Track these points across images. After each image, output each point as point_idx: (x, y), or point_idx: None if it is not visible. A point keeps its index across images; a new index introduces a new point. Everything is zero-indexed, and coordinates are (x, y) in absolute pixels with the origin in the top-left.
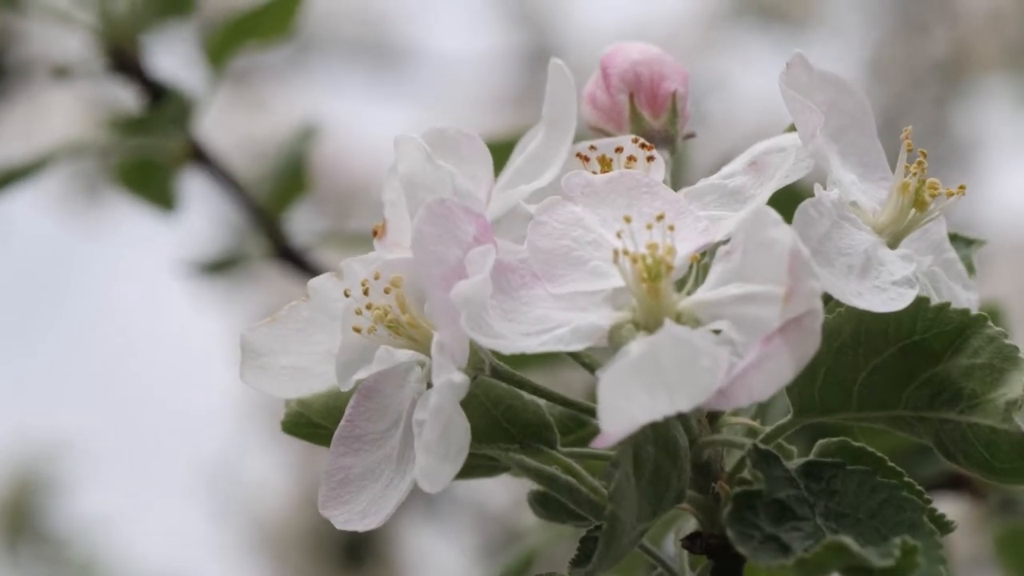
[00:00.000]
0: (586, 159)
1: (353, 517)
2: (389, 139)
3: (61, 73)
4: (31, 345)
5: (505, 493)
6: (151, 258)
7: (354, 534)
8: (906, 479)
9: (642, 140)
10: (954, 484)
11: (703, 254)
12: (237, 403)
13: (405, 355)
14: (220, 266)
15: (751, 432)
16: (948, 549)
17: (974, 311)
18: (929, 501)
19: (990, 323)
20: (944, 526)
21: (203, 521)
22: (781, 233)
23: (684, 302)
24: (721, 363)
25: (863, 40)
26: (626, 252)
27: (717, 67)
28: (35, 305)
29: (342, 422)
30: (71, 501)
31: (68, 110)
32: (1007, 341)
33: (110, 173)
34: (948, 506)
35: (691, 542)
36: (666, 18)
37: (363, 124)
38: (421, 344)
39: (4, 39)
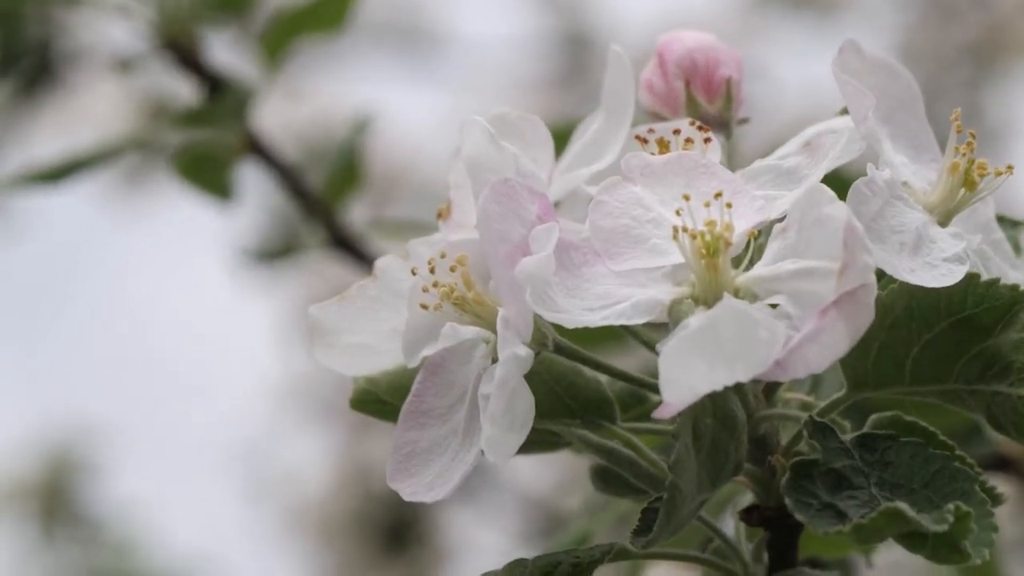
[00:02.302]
0: (644, 141)
1: (420, 489)
2: (422, 124)
3: (124, 67)
4: (68, 329)
5: (547, 477)
6: (189, 246)
7: (396, 517)
8: (958, 452)
9: (699, 123)
10: (999, 465)
11: (759, 232)
12: (275, 386)
13: (470, 332)
14: (276, 254)
15: (806, 407)
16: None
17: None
18: (980, 472)
19: None
20: (995, 498)
21: (241, 504)
22: (836, 210)
23: (742, 278)
24: (779, 335)
25: (894, 24)
26: (685, 229)
27: (750, 53)
28: (73, 290)
29: (409, 397)
30: (107, 484)
31: (111, 100)
32: None
33: (167, 164)
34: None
35: (748, 514)
36: (699, 4)
37: (396, 109)
38: (486, 320)
39: (48, 29)
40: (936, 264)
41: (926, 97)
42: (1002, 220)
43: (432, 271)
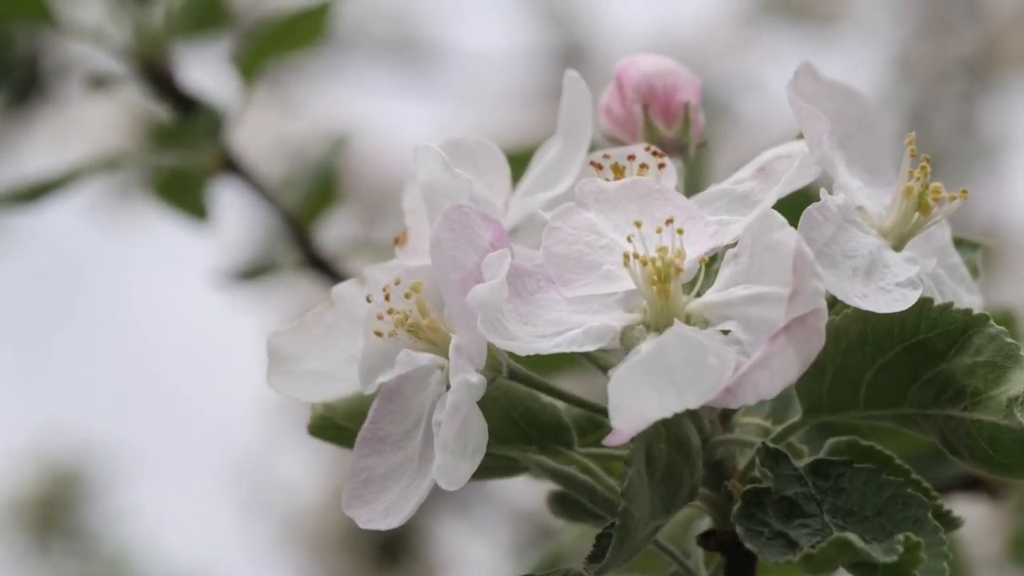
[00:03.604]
0: (599, 167)
1: (376, 516)
2: (418, 138)
3: (97, 84)
4: (64, 343)
5: (537, 493)
6: (186, 260)
7: (389, 532)
8: (913, 476)
9: (654, 148)
10: (970, 485)
11: (713, 258)
12: (269, 401)
13: (426, 358)
14: (251, 274)
15: (764, 432)
16: (963, 548)
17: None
18: (936, 498)
19: (992, 322)
20: (951, 522)
21: (235, 518)
22: (786, 235)
23: (693, 304)
24: (728, 361)
25: (890, 37)
26: (636, 255)
27: (746, 66)
28: (69, 304)
29: (365, 424)
30: (103, 497)
31: (107, 116)
32: (1008, 339)
33: (143, 184)
34: (966, 508)
35: (705, 539)
36: (694, 17)
37: (393, 122)
38: (440, 347)
39: (37, 45)
40: (889, 289)
41: (922, 109)
42: (961, 243)
43: (387, 298)
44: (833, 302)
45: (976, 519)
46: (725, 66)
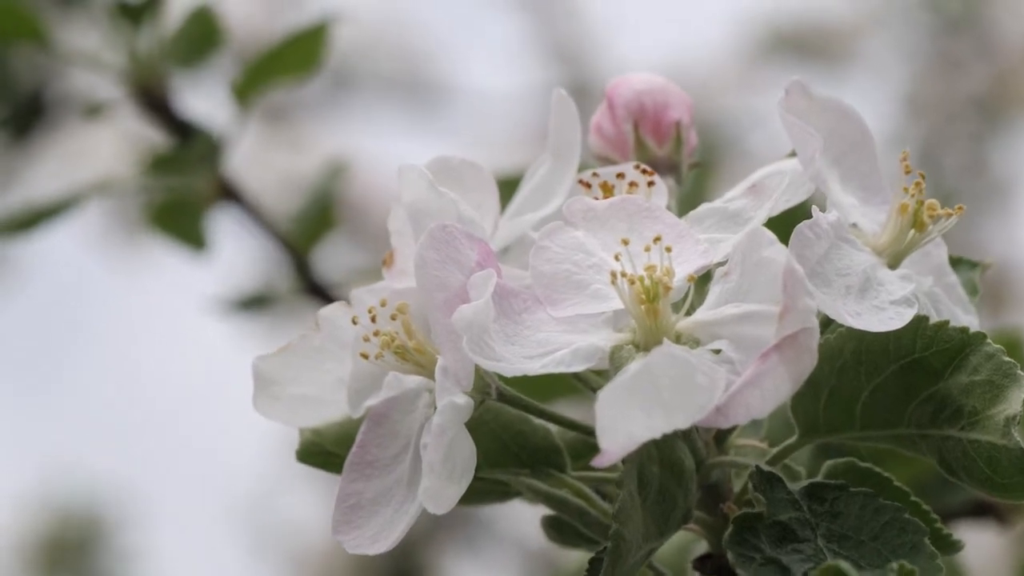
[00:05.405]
0: (588, 185)
1: (364, 541)
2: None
3: (92, 112)
4: (69, 381)
5: None
6: (194, 293)
7: (396, 567)
8: (912, 499)
9: (643, 166)
10: (979, 511)
11: (705, 276)
12: (278, 437)
13: (413, 381)
14: (250, 304)
15: (761, 453)
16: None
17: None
18: (935, 521)
19: (989, 340)
20: (950, 546)
21: (244, 556)
22: (776, 253)
23: (683, 322)
24: (718, 381)
25: (900, 76)
26: (624, 274)
27: (756, 103)
28: (75, 341)
29: (353, 448)
30: (111, 538)
31: (113, 144)
32: (1006, 358)
33: (141, 213)
34: (974, 535)
35: (702, 563)
36: (704, 54)
37: (402, 160)
38: (428, 369)
39: (45, 73)
40: (884, 307)
41: (932, 148)
42: (960, 262)
43: (373, 320)
44: (829, 321)
45: (985, 546)
46: (733, 103)
